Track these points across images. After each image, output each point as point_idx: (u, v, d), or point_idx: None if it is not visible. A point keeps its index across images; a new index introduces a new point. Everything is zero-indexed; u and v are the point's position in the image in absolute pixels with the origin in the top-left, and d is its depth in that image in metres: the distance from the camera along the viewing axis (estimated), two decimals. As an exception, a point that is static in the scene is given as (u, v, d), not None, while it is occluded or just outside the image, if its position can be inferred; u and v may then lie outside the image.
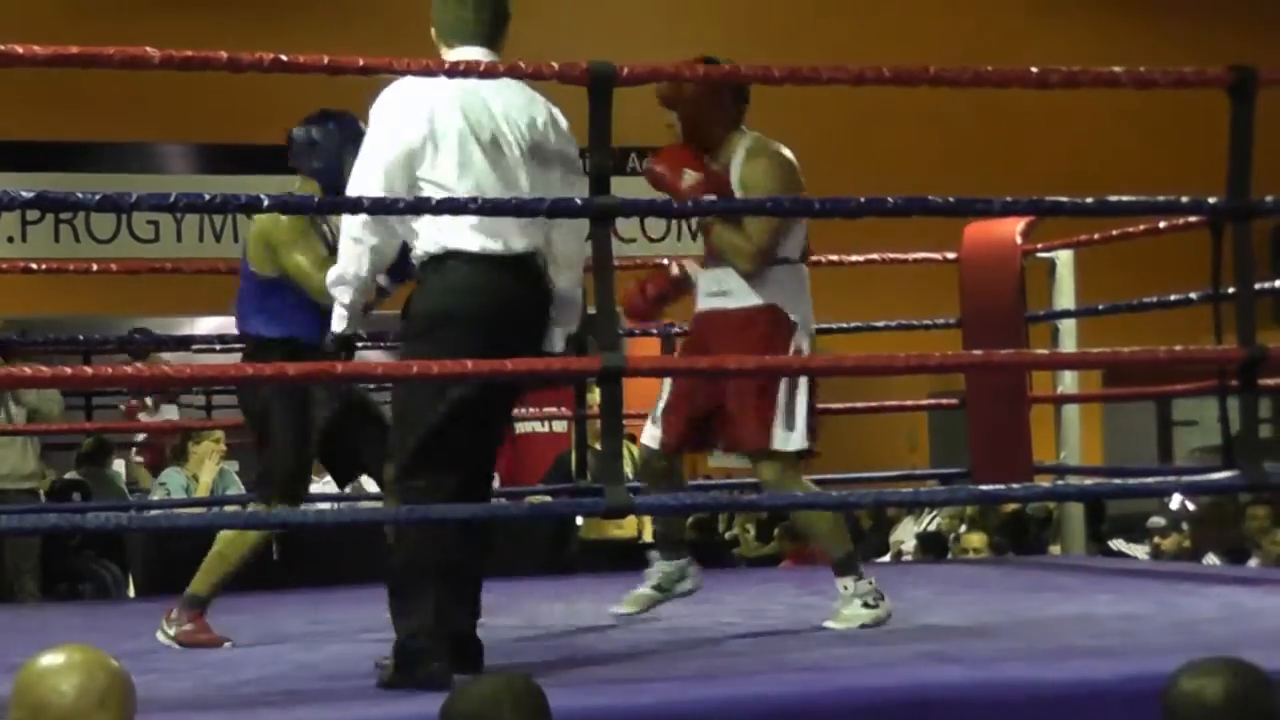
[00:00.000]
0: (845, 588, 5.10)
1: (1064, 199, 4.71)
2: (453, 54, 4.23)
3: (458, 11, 4.27)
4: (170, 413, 11.59)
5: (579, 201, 4.09)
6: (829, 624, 5.06)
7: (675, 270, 5.24)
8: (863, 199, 4.39)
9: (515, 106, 4.20)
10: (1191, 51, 11.24)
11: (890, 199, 4.44)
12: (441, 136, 4.10)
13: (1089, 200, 4.68)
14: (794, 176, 4.97)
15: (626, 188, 4.71)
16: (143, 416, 11.41)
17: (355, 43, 9.77)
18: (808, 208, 4.28)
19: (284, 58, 3.76)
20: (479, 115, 4.14)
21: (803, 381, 4.99)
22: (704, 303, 5.08)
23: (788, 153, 5.02)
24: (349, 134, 5.11)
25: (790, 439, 4.97)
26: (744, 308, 5.00)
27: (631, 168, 11.57)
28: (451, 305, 4.11)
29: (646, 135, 11.04)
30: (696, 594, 5.42)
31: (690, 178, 4.84)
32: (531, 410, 8.63)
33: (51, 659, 2.46)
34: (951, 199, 4.54)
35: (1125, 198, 4.70)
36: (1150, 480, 5.99)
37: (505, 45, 4.28)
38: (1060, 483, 7.21)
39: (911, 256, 7.69)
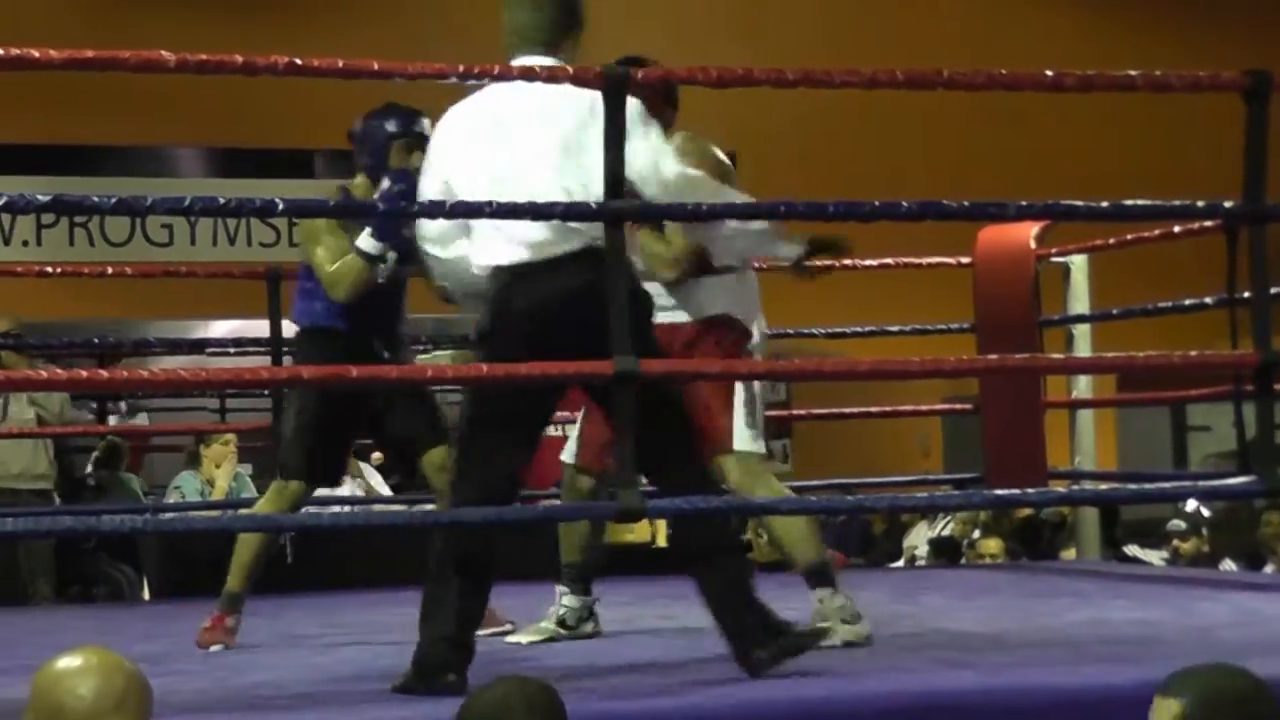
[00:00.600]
0: (820, 600, 4.88)
1: (1079, 203, 4.70)
2: (513, 62, 4.24)
3: (519, 15, 4.29)
4: (142, 419, 11.63)
5: (594, 205, 4.08)
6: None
7: None
8: (876, 203, 4.39)
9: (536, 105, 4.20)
10: (1196, 52, 11.25)
11: (905, 203, 4.42)
12: (452, 174, 4.22)
13: (1104, 204, 4.67)
14: (718, 170, 4.81)
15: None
16: (112, 420, 11.44)
17: (369, 46, 9.78)
18: (822, 211, 4.27)
19: (298, 61, 3.76)
20: (478, 122, 4.21)
21: (757, 387, 4.93)
22: (657, 316, 4.74)
23: (715, 149, 4.94)
24: (400, 130, 5.17)
25: (753, 439, 4.87)
26: (693, 321, 4.90)
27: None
28: (484, 323, 4.21)
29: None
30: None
31: None
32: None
33: (68, 662, 2.46)
34: (966, 203, 4.54)
35: (1140, 202, 4.68)
36: (1166, 486, 5.98)
37: (578, 52, 4.27)
38: (1075, 488, 7.20)
39: (925, 261, 7.68)
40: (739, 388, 4.85)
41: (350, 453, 5.63)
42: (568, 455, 5.12)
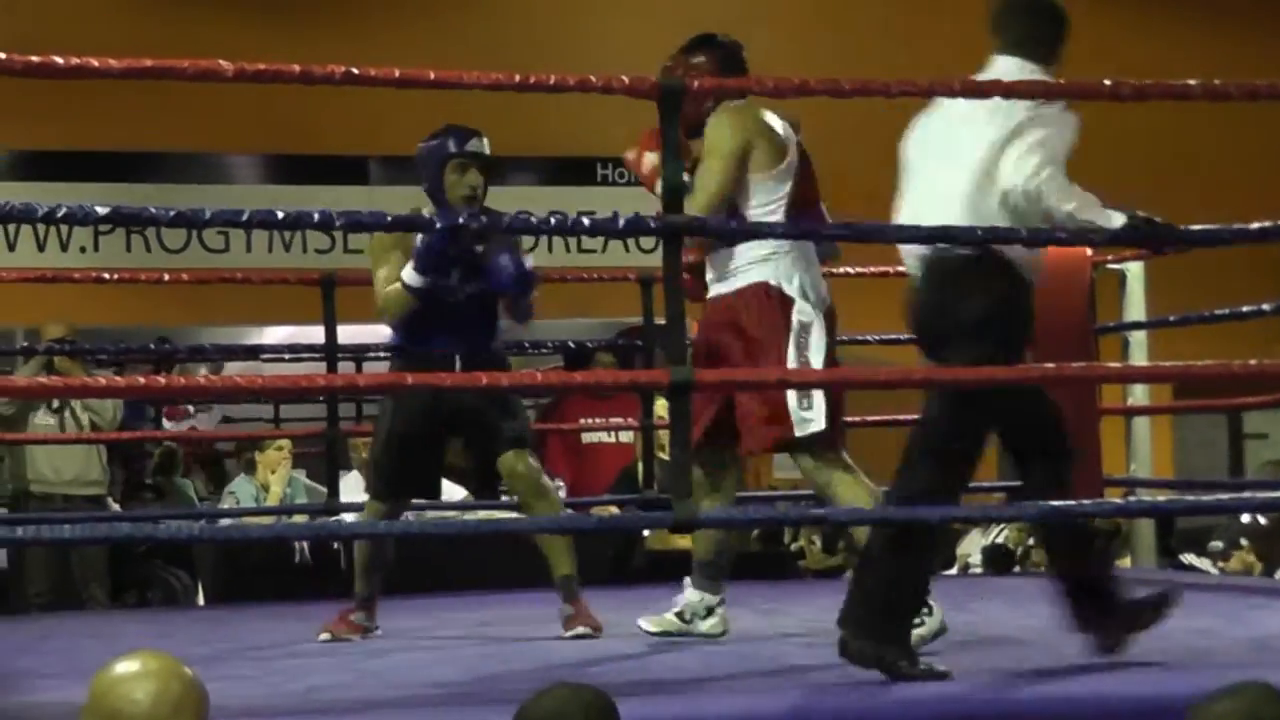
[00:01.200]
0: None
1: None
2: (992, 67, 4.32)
3: (1003, 19, 4.35)
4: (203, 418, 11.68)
5: (652, 223, 4.09)
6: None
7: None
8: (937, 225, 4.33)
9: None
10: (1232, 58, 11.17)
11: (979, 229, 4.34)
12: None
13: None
14: (742, 125, 4.84)
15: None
16: (170, 425, 11.50)
17: (419, 52, 9.82)
18: (881, 234, 4.26)
19: (355, 70, 3.78)
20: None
21: (815, 348, 4.86)
22: (711, 289, 5.01)
23: (753, 111, 4.90)
24: (453, 151, 5.28)
25: (809, 421, 4.81)
26: (733, 290, 4.91)
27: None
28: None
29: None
30: (764, 605, 5.42)
31: (648, 162, 4.82)
32: (598, 421, 8.63)
33: (126, 666, 2.47)
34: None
35: (1200, 227, 4.64)
36: (1224, 497, 5.93)
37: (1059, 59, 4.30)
38: (1131, 497, 7.16)
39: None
40: (790, 354, 4.80)
41: (441, 465, 5.69)
42: None
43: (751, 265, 4.90)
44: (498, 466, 5.40)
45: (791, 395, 4.76)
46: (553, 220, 4.00)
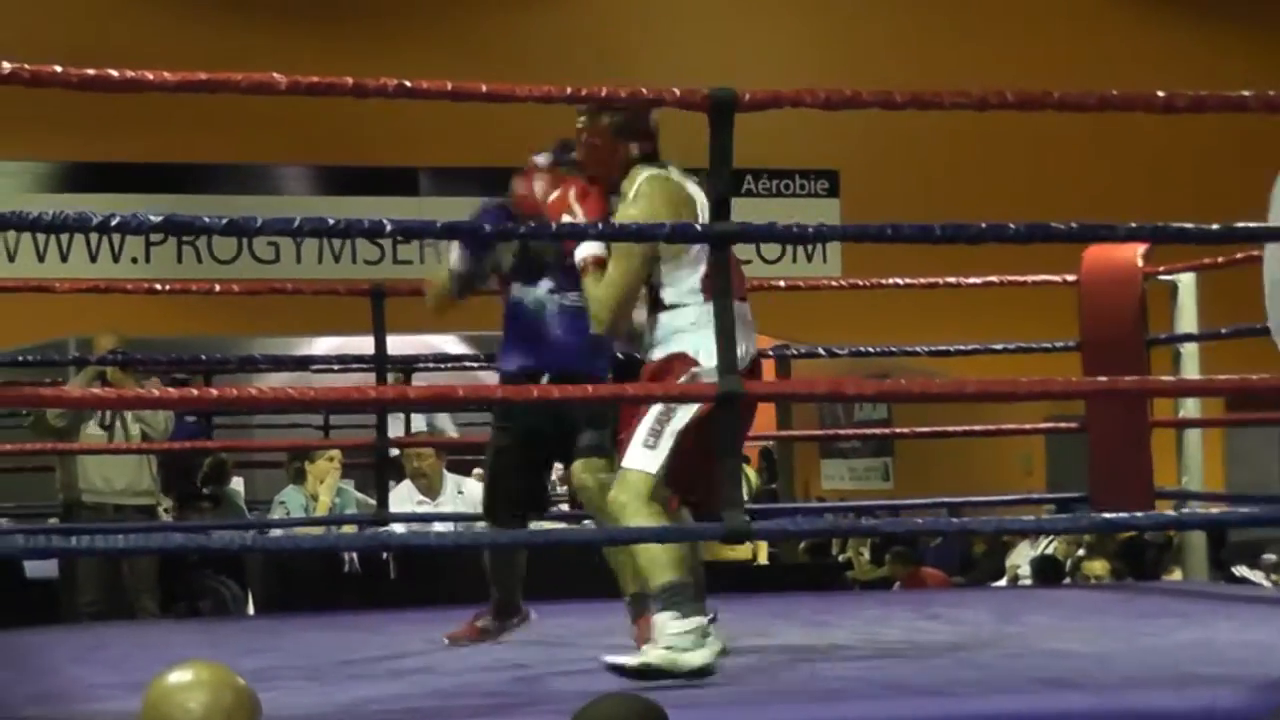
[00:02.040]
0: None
1: (1189, 225, 4.63)
2: None
3: None
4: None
5: (699, 228, 4.10)
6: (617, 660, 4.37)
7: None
8: (984, 225, 4.35)
9: None
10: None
11: (1012, 225, 4.37)
12: None
13: (1214, 227, 4.60)
14: (658, 204, 4.51)
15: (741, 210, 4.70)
16: None
17: (463, 65, 9.85)
18: (929, 234, 4.25)
19: (408, 84, 3.80)
20: None
21: (680, 417, 4.46)
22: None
23: (666, 181, 4.58)
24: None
25: (645, 459, 4.48)
26: (655, 361, 4.56)
27: (747, 189, 11.58)
28: None
29: (763, 157, 11.08)
30: (812, 617, 5.40)
31: (544, 194, 4.76)
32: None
33: (179, 676, 2.48)
34: (1074, 225, 4.48)
35: (1251, 225, 4.63)
36: (1277, 509, 5.90)
37: None
38: (1185, 510, 7.12)
39: (1030, 279, 7.62)
40: (652, 409, 4.48)
41: (543, 484, 5.67)
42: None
43: (674, 335, 4.57)
44: (570, 470, 5.33)
45: (639, 434, 4.47)
46: (600, 225, 4.00)
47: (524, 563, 5.52)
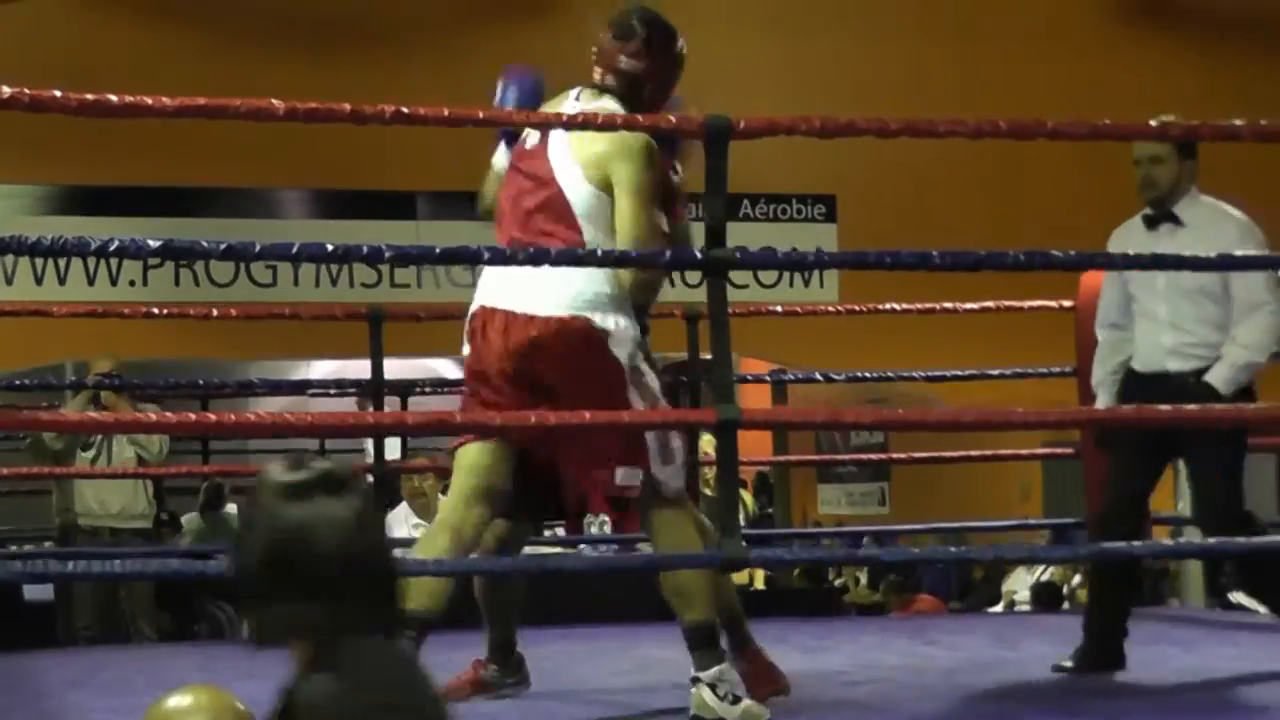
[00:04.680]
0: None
1: (1186, 254, 4.65)
2: None
3: None
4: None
5: (698, 254, 4.09)
6: None
7: None
8: (983, 252, 4.35)
9: None
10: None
11: (1011, 252, 4.36)
12: None
13: (1212, 256, 4.61)
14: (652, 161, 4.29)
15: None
16: None
17: (463, 87, 9.86)
18: (927, 261, 4.24)
19: (405, 110, 3.81)
20: None
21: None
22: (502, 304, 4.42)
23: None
24: None
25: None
26: (544, 318, 4.25)
27: (744, 213, 11.58)
28: None
29: (760, 182, 11.08)
30: (809, 643, 5.39)
31: None
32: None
33: (178, 700, 2.48)
34: (1073, 252, 4.47)
35: (1250, 253, 4.63)
36: (1276, 538, 5.87)
37: None
38: (1182, 539, 7.11)
39: (1027, 304, 7.63)
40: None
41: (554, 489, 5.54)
42: None
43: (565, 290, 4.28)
44: None
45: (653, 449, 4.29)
46: (599, 252, 3.97)
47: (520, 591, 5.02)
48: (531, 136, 4.33)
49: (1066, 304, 7.30)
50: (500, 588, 4.78)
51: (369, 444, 9.61)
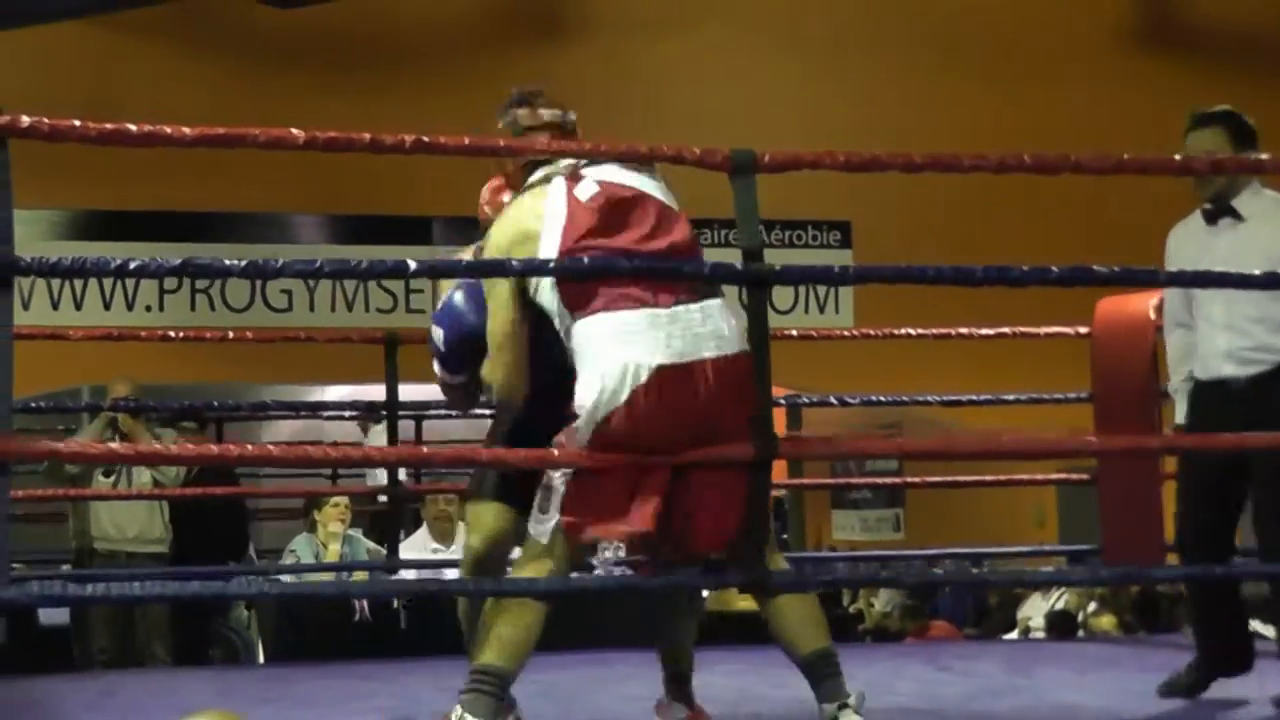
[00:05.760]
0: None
1: (1219, 269, 4.59)
2: None
3: None
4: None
5: (737, 268, 4.05)
6: None
7: None
8: (1025, 268, 4.28)
9: None
10: None
11: (1055, 269, 4.28)
12: None
13: (1256, 272, 4.54)
14: (507, 232, 4.16)
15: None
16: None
17: (478, 111, 9.88)
18: (971, 276, 4.19)
19: (425, 139, 3.81)
20: None
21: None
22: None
23: (529, 210, 4.16)
24: None
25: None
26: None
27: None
28: None
29: (776, 209, 11.11)
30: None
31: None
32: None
33: (196, 726, 2.50)
34: (1116, 268, 4.41)
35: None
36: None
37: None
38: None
39: (1043, 330, 7.63)
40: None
41: None
42: None
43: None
44: None
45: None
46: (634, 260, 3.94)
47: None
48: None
49: (1082, 330, 7.30)
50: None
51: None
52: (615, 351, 3.92)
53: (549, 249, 4.03)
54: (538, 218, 4.09)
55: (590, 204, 4.07)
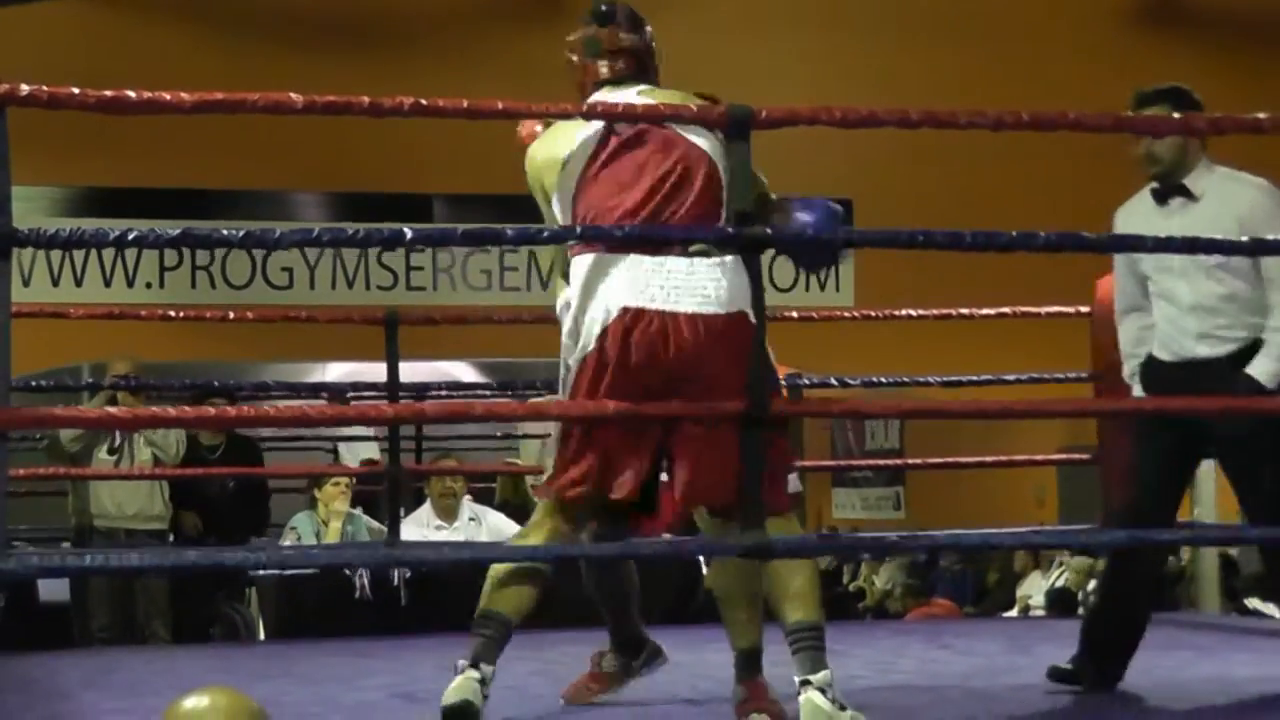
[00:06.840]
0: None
1: (1216, 237, 4.56)
2: None
3: None
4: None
5: (729, 231, 4.05)
6: None
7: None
8: (1014, 233, 4.24)
9: None
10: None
11: (1041, 234, 4.21)
12: None
13: (1234, 229, 4.50)
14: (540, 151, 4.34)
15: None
16: None
17: (480, 88, 9.85)
18: (959, 241, 4.19)
19: (424, 101, 3.79)
20: None
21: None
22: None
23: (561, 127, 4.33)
24: None
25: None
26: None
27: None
28: None
29: (775, 185, 11.09)
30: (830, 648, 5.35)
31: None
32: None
33: (195, 701, 2.49)
34: (1105, 236, 4.34)
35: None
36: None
37: None
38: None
39: (1043, 310, 7.62)
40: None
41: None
42: None
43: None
44: None
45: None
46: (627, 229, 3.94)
47: (631, 579, 4.88)
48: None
49: (1083, 309, 7.29)
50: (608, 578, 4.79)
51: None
52: (591, 291, 4.05)
53: (570, 177, 4.21)
54: (570, 142, 4.23)
55: (618, 141, 4.21)
